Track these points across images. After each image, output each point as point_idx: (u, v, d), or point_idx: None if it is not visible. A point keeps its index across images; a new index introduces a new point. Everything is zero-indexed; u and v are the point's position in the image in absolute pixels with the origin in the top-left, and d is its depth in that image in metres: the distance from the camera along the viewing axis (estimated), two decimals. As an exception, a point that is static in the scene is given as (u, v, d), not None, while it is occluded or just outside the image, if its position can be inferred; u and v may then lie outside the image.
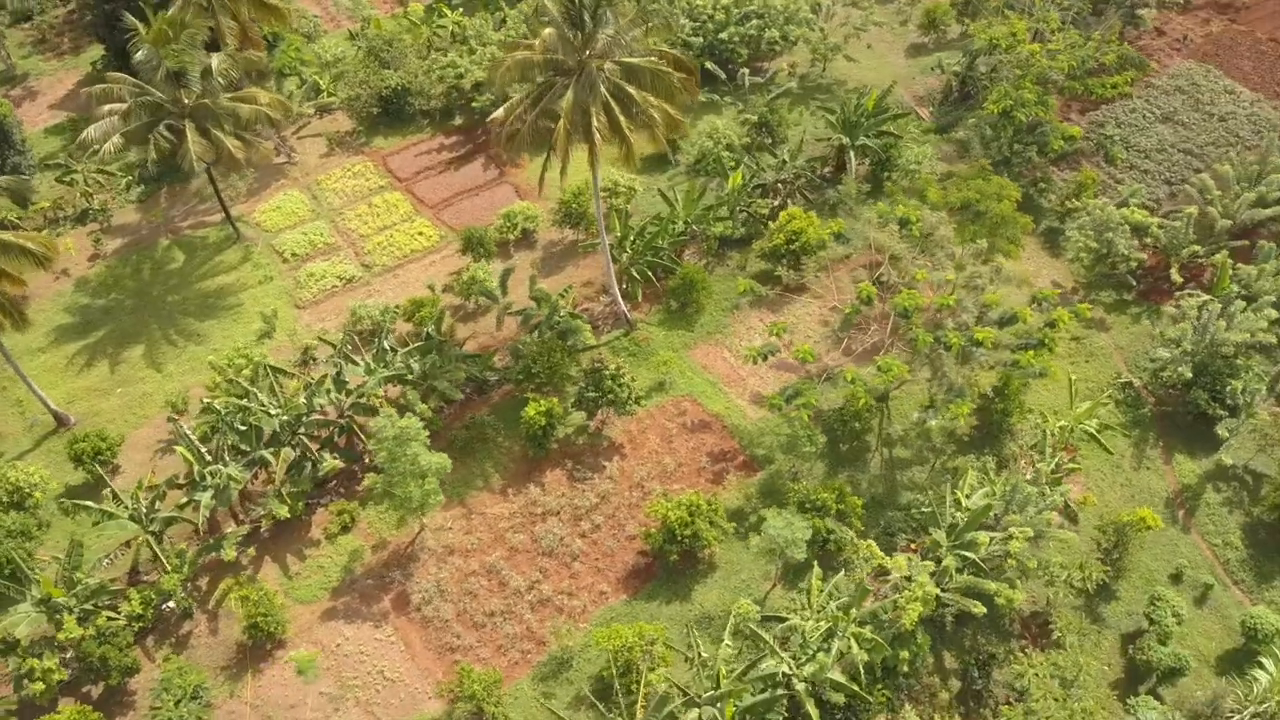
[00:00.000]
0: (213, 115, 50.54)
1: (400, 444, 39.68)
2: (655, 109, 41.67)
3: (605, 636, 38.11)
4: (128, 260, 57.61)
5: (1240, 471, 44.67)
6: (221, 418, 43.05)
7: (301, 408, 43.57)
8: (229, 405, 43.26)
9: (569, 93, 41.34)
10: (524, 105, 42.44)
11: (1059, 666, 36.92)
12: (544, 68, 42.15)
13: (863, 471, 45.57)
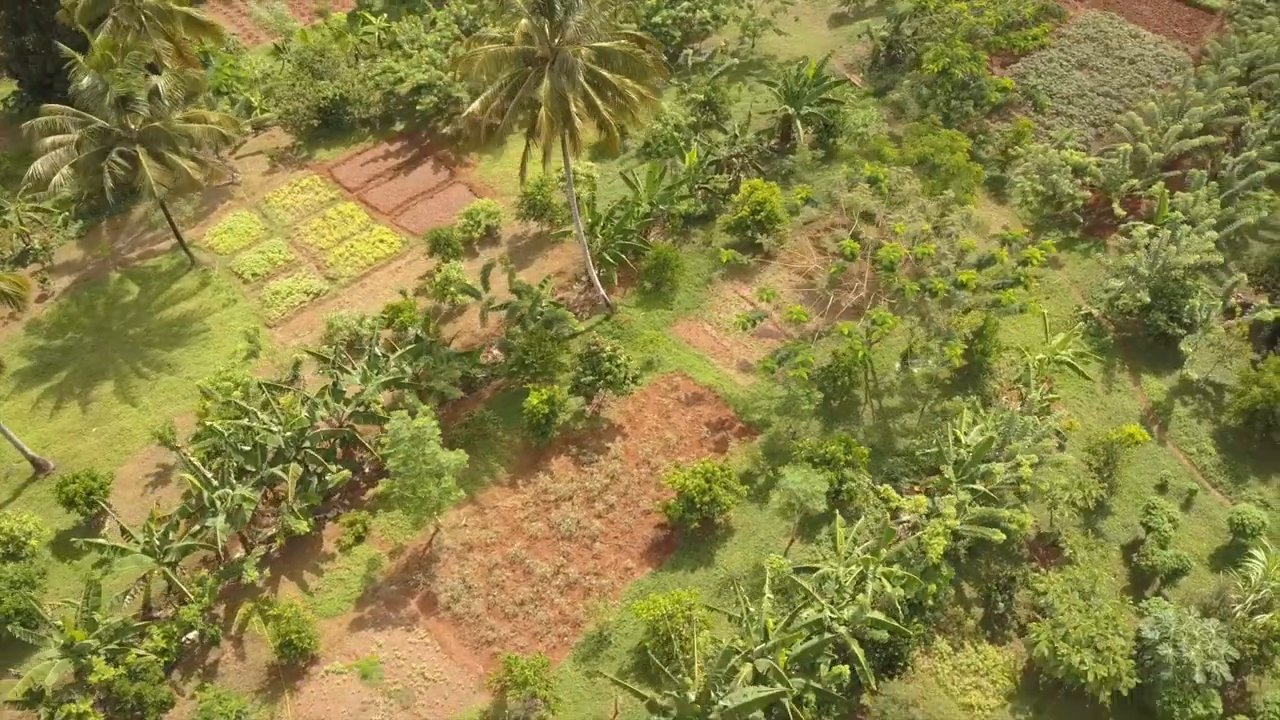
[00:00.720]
0: (166, 138, 49.62)
1: (416, 444, 39.85)
2: (632, 90, 42.57)
3: (644, 608, 39.04)
4: (79, 298, 56.01)
5: (1203, 384, 47.89)
6: (225, 439, 42.43)
7: (304, 421, 43.26)
8: (232, 426, 42.67)
9: (545, 81, 41.93)
10: (500, 97, 42.81)
11: (1076, 580, 39.22)
12: (516, 59, 42.63)
13: (857, 424, 47.37)
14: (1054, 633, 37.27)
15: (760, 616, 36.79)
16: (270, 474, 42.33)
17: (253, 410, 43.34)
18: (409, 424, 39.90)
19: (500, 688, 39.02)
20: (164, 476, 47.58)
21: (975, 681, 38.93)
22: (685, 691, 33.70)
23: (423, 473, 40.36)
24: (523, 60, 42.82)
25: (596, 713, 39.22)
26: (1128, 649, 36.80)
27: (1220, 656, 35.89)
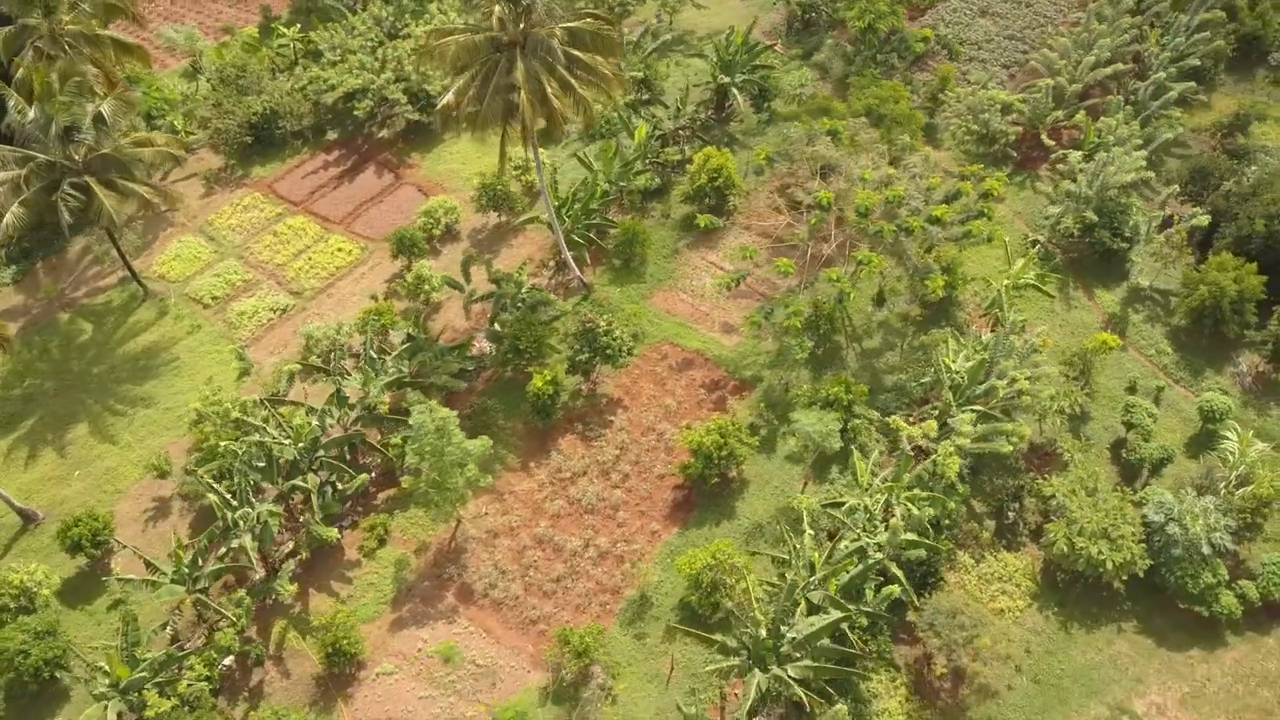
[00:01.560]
0: (117, 164, 48.51)
1: (441, 435, 40.33)
2: (604, 67, 43.73)
3: (686, 563, 40.49)
4: (30, 343, 54.20)
5: (1150, 291, 51.84)
6: (239, 457, 42.03)
7: (315, 431, 43.17)
8: (245, 444, 42.29)
9: (519, 65, 42.73)
10: (474, 86, 43.37)
11: (1080, 479, 42.34)
12: (486, 46, 43.28)
13: (843, 368, 49.63)
14: (1069, 530, 40.24)
15: (805, 552, 38.60)
16: (290, 486, 42.09)
17: (261, 426, 42.98)
18: (433, 415, 40.33)
19: (556, 662, 39.88)
20: (163, 509, 46.73)
21: (1000, 588, 41.65)
22: (758, 628, 35.30)
23: (449, 463, 40.84)
24: (492, 47, 43.48)
25: (653, 671, 40.45)
26: (1137, 535, 40.03)
27: (1221, 528, 39.41)
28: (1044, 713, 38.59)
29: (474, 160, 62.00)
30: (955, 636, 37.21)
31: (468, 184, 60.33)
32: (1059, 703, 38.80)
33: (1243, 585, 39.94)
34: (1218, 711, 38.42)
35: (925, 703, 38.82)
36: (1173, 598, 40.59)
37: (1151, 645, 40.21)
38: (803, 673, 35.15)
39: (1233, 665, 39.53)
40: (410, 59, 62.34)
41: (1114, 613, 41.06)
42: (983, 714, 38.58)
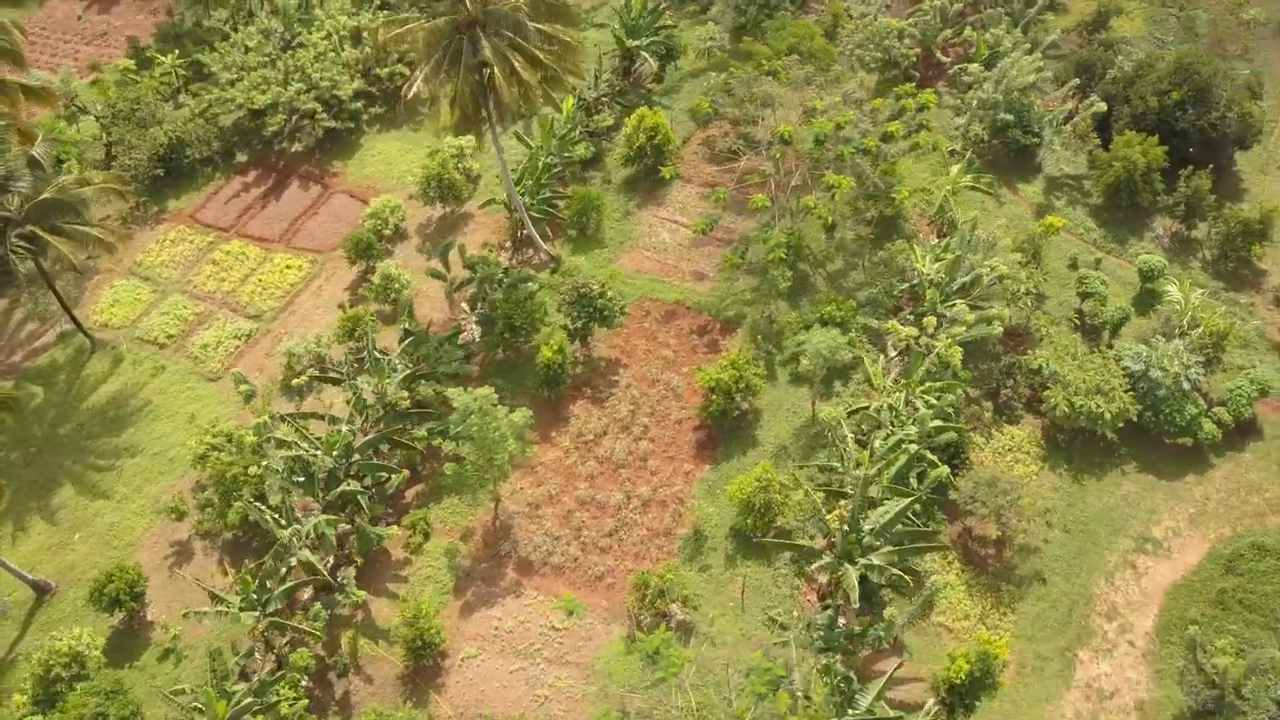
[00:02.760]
0: (63, 208, 46.63)
1: (484, 415, 41.29)
2: (565, 35, 45.19)
3: (736, 489, 42.95)
4: (-23, 418, 51.28)
5: (1065, 178, 57.39)
6: (280, 475, 41.77)
7: (347, 437, 43.25)
8: (285, 460, 42.04)
9: (485, 43, 43.71)
10: (444, 69, 43.99)
11: (1065, 347, 47.04)
12: (449, 29, 43.99)
13: (816, 293, 52.91)
14: (1067, 392, 44.82)
15: (852, 454, 41.70)
16: (339, 494, 42.16)
17: (295, 441, 42.74)
18: (474, 395, 41.24)
19: (636, 609, 41.65)
20: (184, 552, 45.74)
21: (1014, 457, 45.95)
22: (843, 523, 38.16)
23: (493, 440, 41.83)
24: (454, 29, 44.22)
25: (725, 599, 42.75)
26: (1124, 385, 44.99)
27: (1193, 365, 44.79)
28: (1081, 556, 43.10)
29: (399, 160, 62.15)
30: (1001, 501, 41.10)
31: (401, 182, 60.53)
32: (1091, 545, 43.39)
33: (1216, 412, 45.48)
34: (1222, 523, 43.87)
35: (977, 571, 42.66)
36: (1160, 437, 45.82)
37: (1153, 480, 45.36)
38: (887, 558, 38.24)
39: (1223, 482, 45.11)
40: (315, 66, 61.73)
41: (1114, 459, 46.00)
42: (1029, 569, 42.73)
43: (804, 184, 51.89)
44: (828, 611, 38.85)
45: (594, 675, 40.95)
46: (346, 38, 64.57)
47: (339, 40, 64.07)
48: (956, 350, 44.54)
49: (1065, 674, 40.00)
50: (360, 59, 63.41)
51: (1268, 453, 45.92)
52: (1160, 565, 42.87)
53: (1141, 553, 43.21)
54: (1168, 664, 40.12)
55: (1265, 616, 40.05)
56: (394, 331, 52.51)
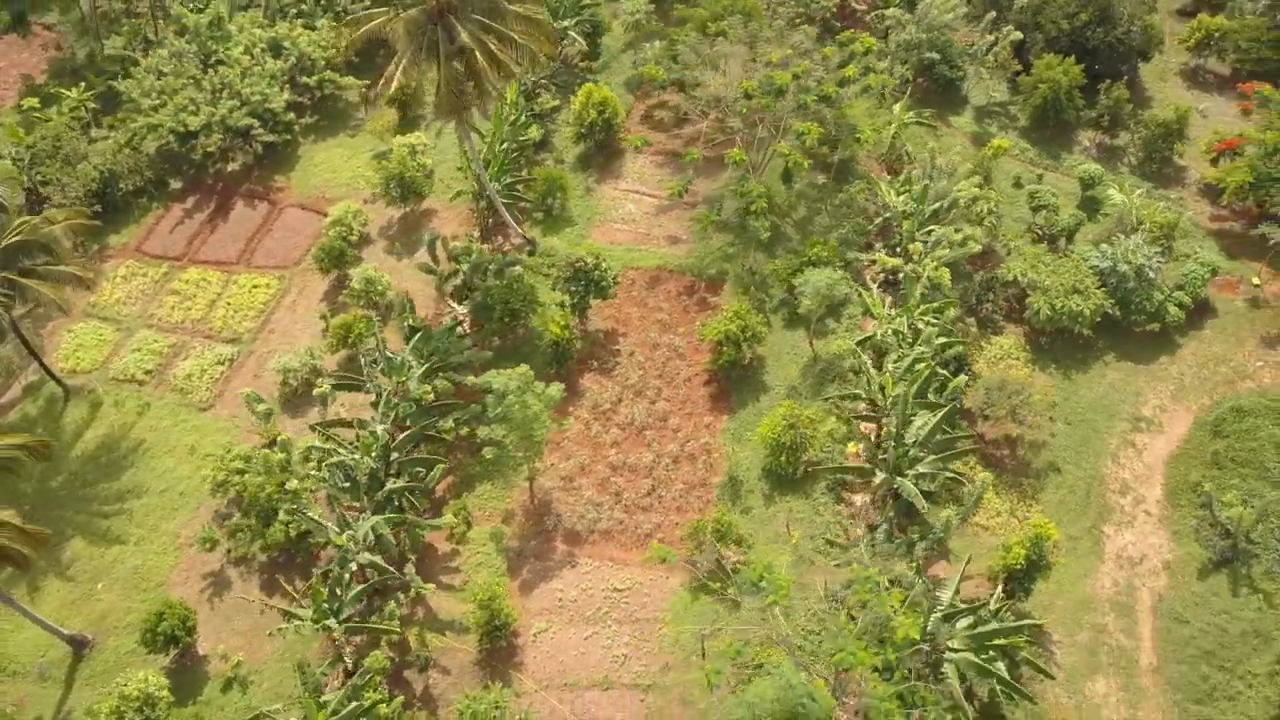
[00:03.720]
0: (35, 248, 45.16)
1: (522, 392, 42.31)
2: (535, 13, 46.27)
3: (767, 428, 45.21)
4: (-43, 484, 49.15)
5: (992, 106, 61.64)
6: (327, 483, 41.88)
7: (382, 437, 43.57)
8: (330, 468, 42.12)
9: (461, 30, 44.41)
10: (420, 60, 44.41)
11: (1035, 256, 50.94)
12: (421, 20, 44.50)
13: (788, 241, 55.55)
14: (1046, 297, 48.70)
15: (875, 378, 44.49)
16: (387, 493, 42.53)
17: (335, 449, 42.84)
18: (511, 375, 42.22)
19: (692, 558, 43.47)
20: (220, 581, 45.18)
21: (1007, 364, 49.60)
22: (888, 440, 40.80)
23: (530, 417, 42.88)
24: (428, 18, 44.71)
25: (771, 535, 44.95)
26: (1095, 283, 49.17)
27: (1153, 255, 49.27)
28: (1085, 443, 47.07)
29: (343, 167, 61.92)
30: (1015, 401, 44.60)
31: (351, 189, 60.41)
32: (1092, 432, 47.42)
33: (1177, 296, 50.14)
34: (1200, 394, 48.57)
35: (997, 471, 46.07)
36: (1129, 328, 50.22)
37: (1132, 366, 49.77)
38: (932, 466, 41.16)
39: (1192, 358, 49.87)
40: (243, 81, 60.79)
41: (1094, 353, 50.20)
42: (1043, 462, 46.40)
43: (770, 136, 54.33)
44: (882, 526, 41.47)
45: (666, 627, 42.58)
46: (266, 50, 63.62)
47: (260, 53, 63.10)
48: (944, 271, 47.89)
49: (1096, 549, 43.81)
50: (285, 70, 62.64)
51: (1224, 326, 50.93)
52: (1156, 440, 47.21)
53: (1137, 431, 47.48)
54: (1182, 525, 44.40)
55: (1258, 469, 44.73)
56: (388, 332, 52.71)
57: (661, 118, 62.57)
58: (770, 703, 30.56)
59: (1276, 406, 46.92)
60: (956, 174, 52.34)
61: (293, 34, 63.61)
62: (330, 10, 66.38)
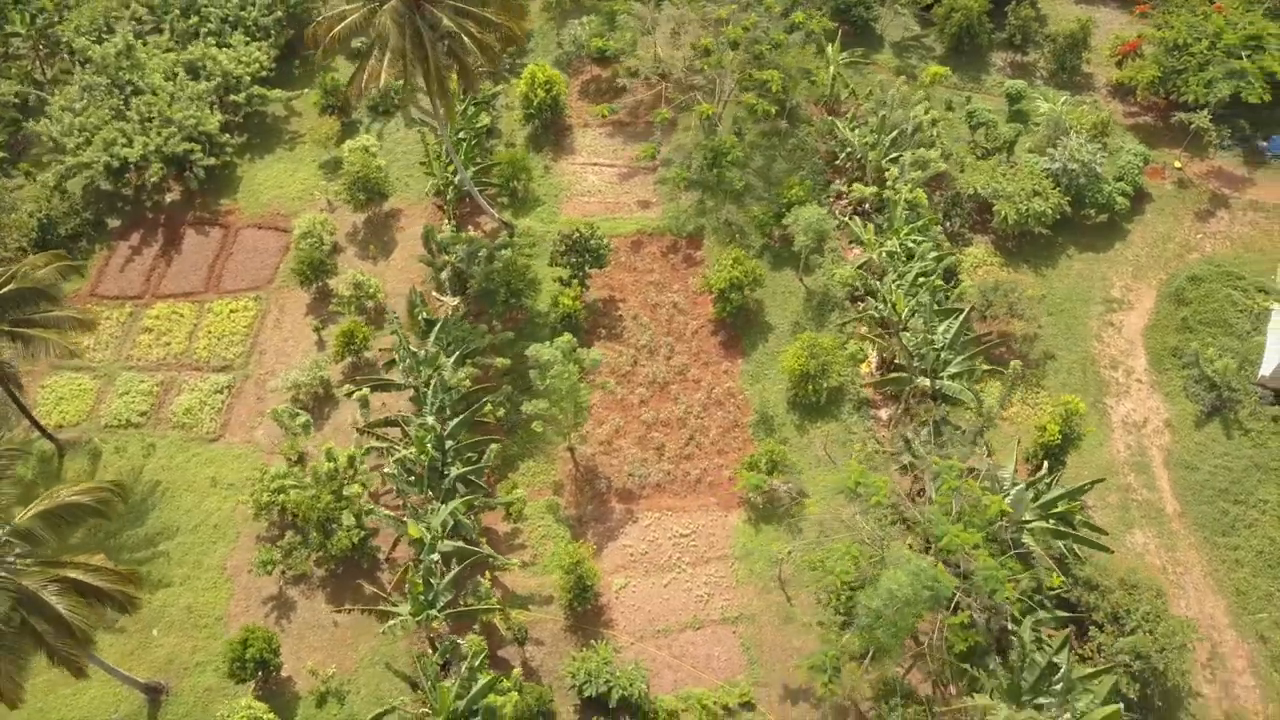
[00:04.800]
0: (26, 298, 43.74)
1: (568, 359, 43.88)
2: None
3: (790, 359, 48.14)
4: (-34, 558, 47.06)
5: (906, 40, 66.13)
6: (397, 479, 42.49)
7: (434, 429, 44.34)
8: (396, 466, 42.70)
9: (442, 17, 45.25)
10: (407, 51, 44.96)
11: (990, 168, 55.40)
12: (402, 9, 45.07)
13: (755, 189, 58.23)
14: (1011, 203, 53.19)
15: (890, 296, 47.91)
16: (453, 480, 43.40)
17: (392, 446, 43.42)
18: (556, 344, 43.70)
19: (745, 494, 46.04)
20: (284, 603, 45.12)
21: (985, 270, 53.87)
22: (921, 346, 44.22)
23: (574, 384, 44.48)
24: (406, 9, 45.28)
25: (811, 460, 47.87)
26: (1050, 185, 53.94)
27: (1096, 152, 54.41)
28: (1070, 329, 51.81)
29: (290, 181, 61.44)
30: (1012, 298, 48.85)
31: (305, 201, 60.10)
32: (1074, 319, 52.22)
33: (1119, 186, 55.45)
34: (1157, 271, 54.05)
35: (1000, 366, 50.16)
36: (1081, 222, 55.25)
37: (1092, 255, 54.89)
38: (962, 365, 44.87)
39: (1141, 240, 55.37)
40: (174, 107, 59.47)
41: (1056, 249, 55.05)
42: (1039, 352, 50.80)
43: (724, 91, 57.05)
44: (926, 427, 44.94)
45: (737, 561, 45.04)
46: (184, 73, 62.24)
47: (180, 77, 61.70)
48: (920, 192, 51.76)
49: (1104, 420, 48.53)
50: (210, 90, 61.47)
51: (1161, 208, 56.67)
52: (1129, 316, 52.40)
53: (1111, 311, 52.54)
54: (1170, 386, 49.62)
55: (1222, 326, 50.34)
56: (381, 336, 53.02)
57: (596, 91, 64.41)
58: (905, 588, 33.38)
59: (1224, 270, 52.67)
60: (909, 102, 56.27)
61: (211, 53, 62.39)
62: (240, 26, 65.25)
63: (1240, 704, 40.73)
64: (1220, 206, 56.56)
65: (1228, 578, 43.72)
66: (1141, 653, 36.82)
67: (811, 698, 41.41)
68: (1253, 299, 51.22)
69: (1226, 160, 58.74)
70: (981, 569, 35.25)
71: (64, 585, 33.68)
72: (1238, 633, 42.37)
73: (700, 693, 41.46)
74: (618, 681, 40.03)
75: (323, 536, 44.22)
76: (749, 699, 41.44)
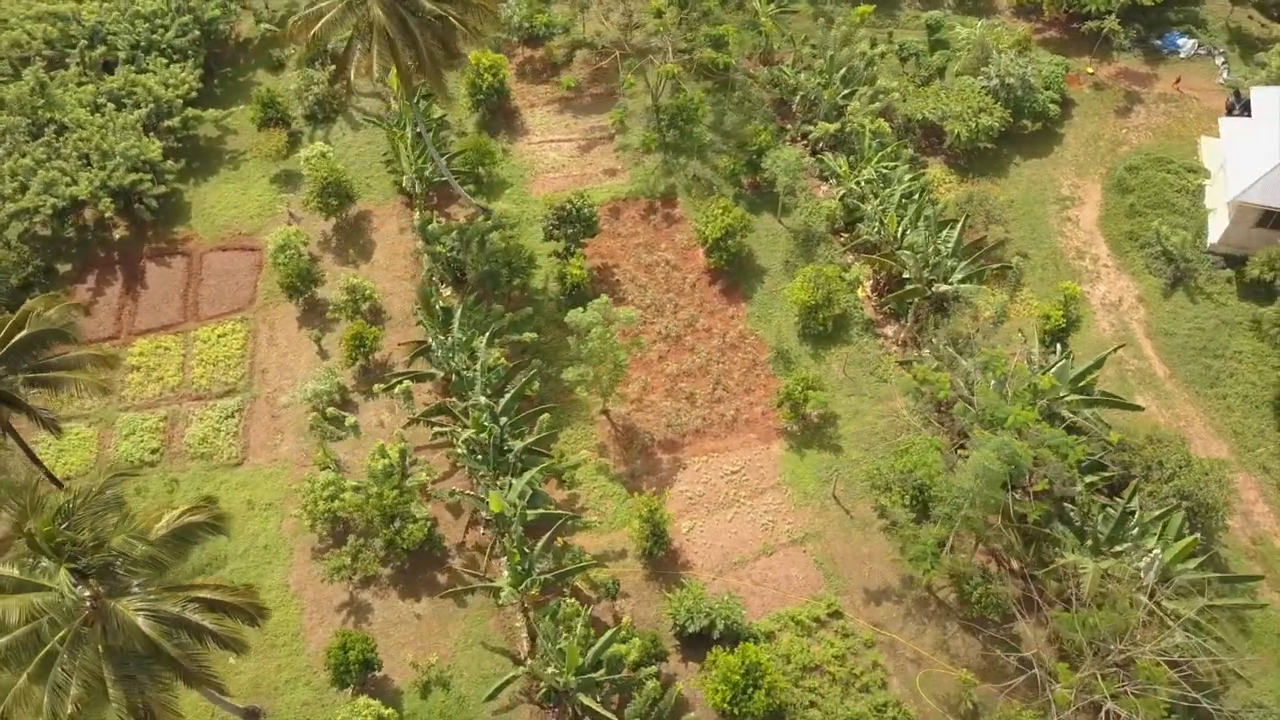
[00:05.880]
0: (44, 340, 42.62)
1: (606, 322, 45.66)
2: (479, -21, 48.57)
3: (799, 292, 51.21)
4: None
5: (820, -14, 70.06)
6: (466, 457, 43.54)
7: (486, 407, 45.40)
8: (466, 445, 43.62)
9: (426, 4, 46.09)
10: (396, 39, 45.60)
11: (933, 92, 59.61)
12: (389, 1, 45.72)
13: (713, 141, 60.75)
14: (960, 122, 57.54)
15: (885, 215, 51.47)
16: (518, 452, 44.67)
17: (457, 429, 44.36)
18: (593, 306, 45.47)
19: (783, 426, 48.90)
20: (358, 605, 45.42)
21: (945, 186, 58.15)
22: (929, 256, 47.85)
23: (612, 345, 46.32)
24: (385, 0, 45.93)
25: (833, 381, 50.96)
26: (991, 101, 58.54)
27: (1026, 65, 59.28)
28: (1034, 229, 56.54)
29: (244, 200, 60.72)
30: (987, 206, 53.17)
31: (265, 216, 59.60)
32: (1035, 219, 57.04)
33: (1049, 94, 60.53)
34: (1096, 166, 59.46)
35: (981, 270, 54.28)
36: (1017, 134, 60.06)
37: (1037, 161, 59.90)
38: (968, 270, 48.77)
39: (1075, 141, 60.76)
40: (114, 138, 57.88)
41: (1003, 160, 59.80)
42: (1011, 253, 55.19)
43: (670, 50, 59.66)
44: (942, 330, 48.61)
45: (789, 487, 47.85)
46: (109, 104, 60.46)
47: (108, 108, 59.93)
48: (881, 121, 55.59)
49: (1084, 305, 53.25)
50: (142, 118, 59.96)
51: (1086, 111, 62.20)
52: (1083, 210, 57.56)
53: (1066, 209, 57.61)
54: (1134, 266, 54.95)
55: (1167, 205, 56.02)
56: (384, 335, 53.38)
57: (533, 72, 65.81)
58: (995, 463, 36.75)
59: (1154, 156, 58.52)
60: (852, 39, 60.03)
61: (137, 79, 60.85)
62: (153, 50, 63.69)
63: (1260, 529, 46.05)
64: (1135, 102, 62.47)
65: (1224, 423, 49.12)
66: (1187, 493, 41.32)
67: (892, 595, 44.69)
68: (1185, 179, 57.03)
69: (1130, 61, 64.81)
70: (1050, 437, 39.01)
71: (200, 604, 33.59)
72: (1244, 469, 47.73)
73: (790, 610, 44.13)
74: (718, 614, 42.18)
75: (392, 533, 44.70)
76: (836, 607, 44.30)
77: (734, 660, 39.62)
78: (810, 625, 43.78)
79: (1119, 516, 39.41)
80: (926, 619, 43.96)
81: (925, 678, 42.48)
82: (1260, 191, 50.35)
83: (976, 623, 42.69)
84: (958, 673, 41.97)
